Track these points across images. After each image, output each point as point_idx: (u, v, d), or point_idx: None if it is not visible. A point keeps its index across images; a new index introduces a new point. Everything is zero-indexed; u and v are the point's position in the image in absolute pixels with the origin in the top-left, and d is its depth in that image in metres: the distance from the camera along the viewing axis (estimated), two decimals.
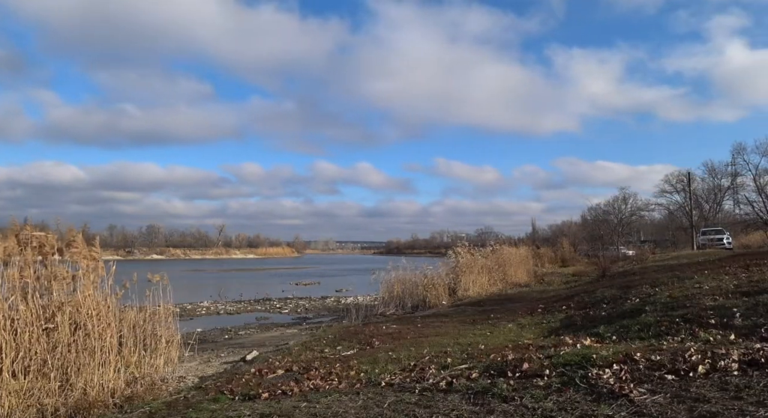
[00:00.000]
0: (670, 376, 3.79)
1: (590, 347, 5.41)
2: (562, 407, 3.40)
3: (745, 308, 6.28)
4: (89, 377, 5.89)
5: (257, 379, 6.51)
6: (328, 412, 3.93)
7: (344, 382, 5.39)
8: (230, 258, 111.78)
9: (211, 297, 24.24)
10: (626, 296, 10.28)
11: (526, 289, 22.19)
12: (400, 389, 4.57)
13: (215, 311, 20.32)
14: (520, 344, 6.63)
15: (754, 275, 9.53)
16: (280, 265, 74.92)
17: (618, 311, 8.63)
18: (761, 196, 41.02)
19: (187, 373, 7.94)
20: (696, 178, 47.69)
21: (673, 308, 7.41)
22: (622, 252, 44.23)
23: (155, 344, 7.19)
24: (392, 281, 18.38)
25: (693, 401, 3.24)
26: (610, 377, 3.90)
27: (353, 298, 24.16)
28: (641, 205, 54.52)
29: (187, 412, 4.68)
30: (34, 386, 5.44)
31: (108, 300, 6.79)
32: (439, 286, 18.79)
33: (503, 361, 5.06)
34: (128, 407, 5.50)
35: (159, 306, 7.71)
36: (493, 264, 23.49)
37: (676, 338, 5.57)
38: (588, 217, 60.79)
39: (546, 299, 15.41)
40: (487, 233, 70.93)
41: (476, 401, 3.83)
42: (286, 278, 42.74)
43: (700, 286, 9.14)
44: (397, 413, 3.74)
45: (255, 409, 4.28)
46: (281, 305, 22.21)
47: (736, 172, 45.34)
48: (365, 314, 15.83)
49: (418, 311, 16.17)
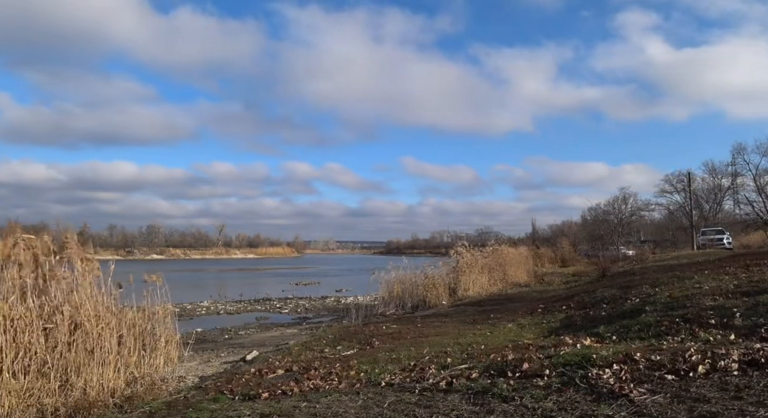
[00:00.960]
0: (670, 376, 3.79)
1: (590, 347, 5.41)
2: (562, 407, 3.40)
3: (745, 308, 6.28)
4: (89, 376, 5.89)
5: (257, 379, 6.50)
6: (328, 412, 3.93)
7: (344, 382, 5.39)
8: (230, 258, 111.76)
9: (210, 297, 24.22)
10: (626, 296, 10.28)
11: (526, 289, 22.19)
12: (400, 389, 4.57)
13: (215, 310, 20.31)
14: (520, 344, 6.63)
15: (754, 275, 9.53)
16: (280, 265, 74.90)
17: (618, 311, 8.63)
18: (761, 196, 41.01)
19: (187, 373, 7.94)
20: (696, 178, 47.76)
21: (673, 308, 7.40)
22: (622, 252, 44.23)
23: (155, 343, 7.18)
24: (392, 280, 18.37)
25: (693, 401, 3.24)
26: (610, 377, 3.89)
27: (353, 298, 24.15)
28: (641, 205, 54.60)
29: (187, 412, 4.68)
30: (34, 385, 5.44)
31: (107, 300, 6.79)
32: (439, 286, 18.79)
33: (503, 361, 5.06)
34: (128, 407, 5.50)
35: (158, 306, 7.71)
36: (493, 264, 23.50)
37: (676, 338, 5.57)
38: (588, 217, 60.86)
39: (546, 299, 15.41)
40: (487, 233, 71.14)
41: (476, 401, 3.83)
42: (286, 278, 42.71)
43: (700, 286, 9.14)
44: (397, 413, 3.74)
45: (255, 409, 4.28)
46: (281, 304, 22.21)
47: (736, 172, 45.38)
48: (365, 314, 15.82)
49: (418, 311, 16.17)
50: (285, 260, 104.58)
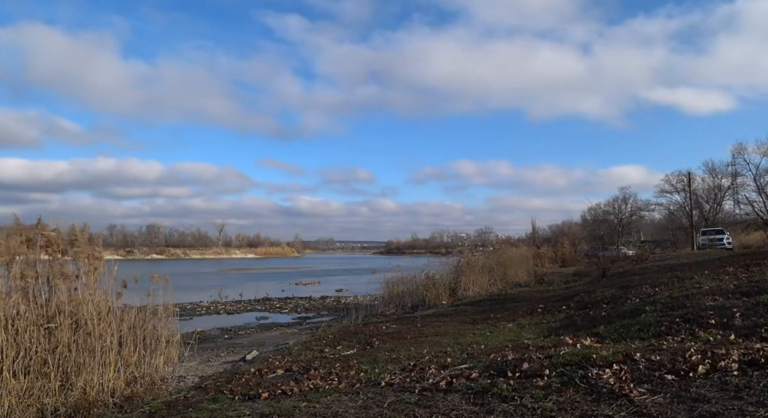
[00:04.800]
0: (670, 376, 3.79)
1: (590, 347, 5.41)
2: (562, 407, 3.40)
3: (745, 308, 6.28)
4: (89, 376, 5.89)
5: (257, 379, 6.50)
6: (328, 412, 3.93)
7: (344, 382, 5.38)
8: (230, 258, 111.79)
9: (211, 297, 24.20)
10: (626, 296, 10.28)
11: (526, 289, 22.18)
12: (400, 389, 4.57)
13: (215, 310, 20.32)
14: (520, 344, 6.62)
15: (754, 275, 9.54)
16: (280, 265, 74.90)
17: (618, 311, 8.62)
18: (761, 196, 40.97)
19: (187, 373, 7.94)
20: (696, 178, 47.72)
21: (673, 308, 7.40)
22: (623, 252, 44.23)
23: (155, 343, 7.17)
24: (392, 280, 18.39)
25: (693, 401, 3.24)
26: (610, 377, 3.90)
27: (353, 297, 24.17)
28: (641, 205, 54.56)
29: (187, 412, 4.68)
30: (34, 385, 5.43)
31: (109, 299, 6.79)
32: (439, 286, 18.79)
33: (503, 361, 5.06)
34: (128, 407, 5.50)
35: (159, 306, 7.71)
36: (493, 264, 23.51)
37: (676, 338, 5.56)
38: (588, 217, 60.84)
39: (546, 299, 15.40)
40: (487, 233, 71.01)
41: (476, 401, 3.83)
42: (286, 277, 42.71)
43: (700, 286, 9.15)
44: (396, 412, 3.74)
45: (255, 409, 4.28)
46: (281, 304, 22.21)
47: (736, 172, 45.24)
48: (365, 313, 15.82)
49: (418, 311, 16.16)
50: (285, 260, 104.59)
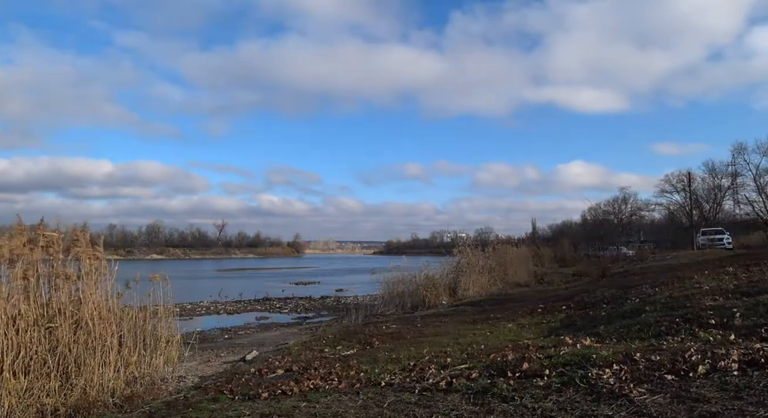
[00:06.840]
0: (670, 376, 3.79)
1: (590, 347, 5.41)
2: (562, 407, 3.40)
3: (745, 308, 6.27)
4: (89, 376, 5.89)
5: (257, 379, 6.50)
6: (328, 412, 3.93)
7: (344, 382, 5.38)
8: (230, 258, 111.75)
9: (211, 297, 24.20)
10: (626, 296, 10.28)
11: (526, 289, 22.19)
12: (399, 389, 4.56)
13: (215, 310, 20.32)
14: (520, 344, 6.62)
15: (754, 275, 9.54)
16: (280, 265, 74.88)
17: (618, 311, 8.62)
18: (761, 196, 41.06)
19: (187, 373, 7.94)
20: (696, 178, 47.74)
21: (673, 308, 7.40)
22: (623, 252, 44.29)
23: (155, 343, 7.17)
24: (392, 280, 18.39)
25: (693, 401, 3.24)
26: (610, 377, 3.89)
27: (353, 297, 24.17)
28: (641, 205, 54.58)
29: (187, 412, 4.68)
30: (34, 385, 5.43)
31: (110, 300, 6.78)
32: (439, 286, 18.80)
33: (503, 361, 5.06)
34: (128, 407, 5.50)
35: (159, 306, 7.70)
36: (493, 264, 23.51)
37: (676, 338, 5.56)
38: (588, 217, 60.88)
39: (546, 299, 15.40)
40: (487, 233, 70.95)
41: (476, 401, 3.83)
42: (286, 277, 42.74)
43: (700, 286, 9.14)
44: (396, 413, 3.74)
45: (255, 409, 4.28)
46: (281, 304, 22.22)
47: (736, 172, 45.32)
48: (365, 313, 15.83)
49: (418, 311, 16.16)
50: (285, 259, 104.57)
